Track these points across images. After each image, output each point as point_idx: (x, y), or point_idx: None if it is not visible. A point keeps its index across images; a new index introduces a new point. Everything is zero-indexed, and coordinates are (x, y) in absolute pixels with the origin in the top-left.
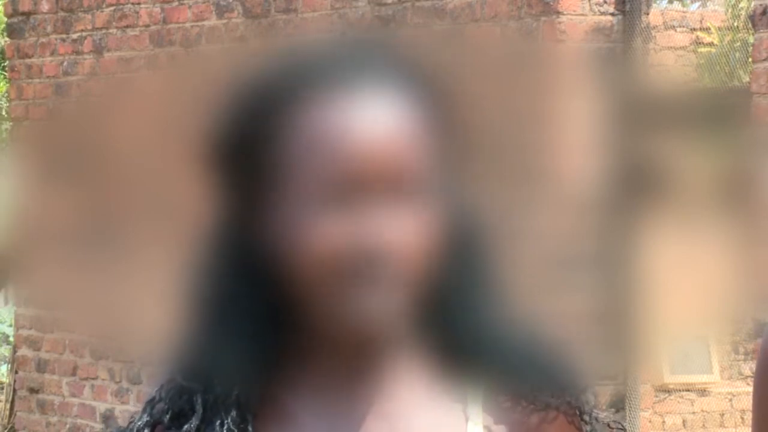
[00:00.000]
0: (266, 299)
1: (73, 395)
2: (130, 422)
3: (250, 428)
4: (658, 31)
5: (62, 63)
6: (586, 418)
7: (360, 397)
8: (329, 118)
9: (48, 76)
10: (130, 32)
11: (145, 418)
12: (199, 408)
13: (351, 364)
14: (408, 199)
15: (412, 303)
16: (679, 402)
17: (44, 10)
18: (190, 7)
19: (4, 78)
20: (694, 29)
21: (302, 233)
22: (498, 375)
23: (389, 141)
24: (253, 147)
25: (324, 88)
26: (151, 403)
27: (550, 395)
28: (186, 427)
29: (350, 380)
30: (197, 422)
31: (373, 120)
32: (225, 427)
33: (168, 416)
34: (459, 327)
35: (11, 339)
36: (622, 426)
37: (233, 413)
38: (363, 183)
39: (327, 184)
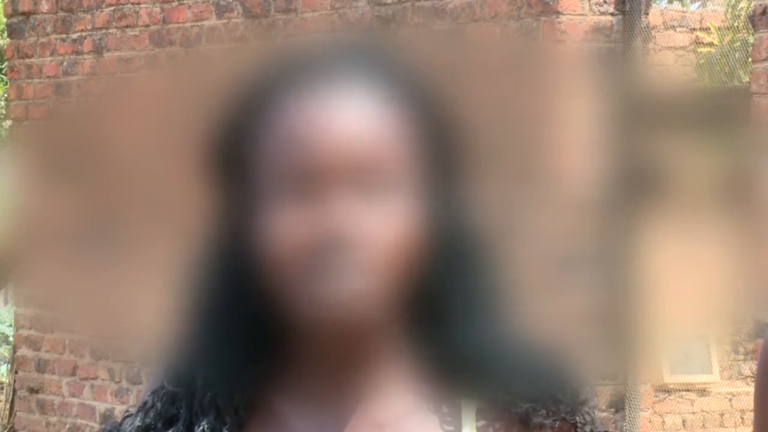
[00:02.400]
0: (251, 302)
1: (73, 395)
2: (125, 419)
3: (225, 430)
4: (658, 31)
5: (62, 63)
6: (585, 429)
7: (350, 403)
8: (299, 113)
9: (48, 76)
10: (130, 32)
11: (138, 423)
12: (184, 413)
13: (338, 367)
14: (373, 191)
15: (385, 293)
16: (679, 402)
17: (44, 10)
18: (190, 7)
19: (2, 80)
20: (694, 29)
21: (267, 226)
22: (491, 392)
23: (354, 134)
24: (238, 148)
25: (302, 85)
26: (144, 407)
27: (545, 414)
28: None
29: (340, 386)
30: (182, 428)
31: (340, 114)
32: (201, 430)
33: (161, 422)
34: (452, 341)
35: (11, 339)
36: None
37: (210, 417)
38: (323, 174)
39: (288, 175)
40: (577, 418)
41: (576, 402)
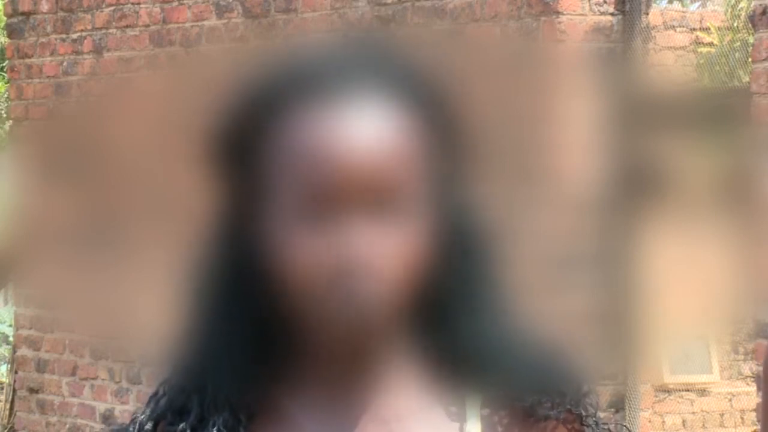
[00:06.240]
0: (259, 302)
1: (73, 395)
2: (134, 417)
3: (242, 429)
4: (658, 31)
5: (62, 63)
6: (589, 421)
7: (358, 401)
8: (314, 129)
9: (48, 76)
10: (129, 32)
11: (148, 412)
12: (195, 407)
13: (347, 369)
14: (391, 214)
15: (396, 315)
16: (679, 402)
17: (44, 10)
18: (190, 7)
19: (3, 78)
20: (694, 29)
21: (283, 245)
22: (496, 386)
23: (371, 155)
24: (248, 151)
25: (314, 95)
26: (154, 397)
27: (550, 406)
28: (181, 426)
29: (348, 385)
30: (195, 421)
31: (356, 133)
32: (215, 428)
33: (170, 412)
34: (457, 336)
35: (11, 339)
36: (627, 429)
37: (225, 415)
38: (341, 198)
39: (306, 197)
40: (582, 409)
41: (580, 394)
